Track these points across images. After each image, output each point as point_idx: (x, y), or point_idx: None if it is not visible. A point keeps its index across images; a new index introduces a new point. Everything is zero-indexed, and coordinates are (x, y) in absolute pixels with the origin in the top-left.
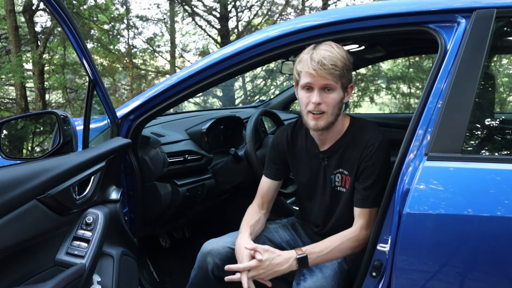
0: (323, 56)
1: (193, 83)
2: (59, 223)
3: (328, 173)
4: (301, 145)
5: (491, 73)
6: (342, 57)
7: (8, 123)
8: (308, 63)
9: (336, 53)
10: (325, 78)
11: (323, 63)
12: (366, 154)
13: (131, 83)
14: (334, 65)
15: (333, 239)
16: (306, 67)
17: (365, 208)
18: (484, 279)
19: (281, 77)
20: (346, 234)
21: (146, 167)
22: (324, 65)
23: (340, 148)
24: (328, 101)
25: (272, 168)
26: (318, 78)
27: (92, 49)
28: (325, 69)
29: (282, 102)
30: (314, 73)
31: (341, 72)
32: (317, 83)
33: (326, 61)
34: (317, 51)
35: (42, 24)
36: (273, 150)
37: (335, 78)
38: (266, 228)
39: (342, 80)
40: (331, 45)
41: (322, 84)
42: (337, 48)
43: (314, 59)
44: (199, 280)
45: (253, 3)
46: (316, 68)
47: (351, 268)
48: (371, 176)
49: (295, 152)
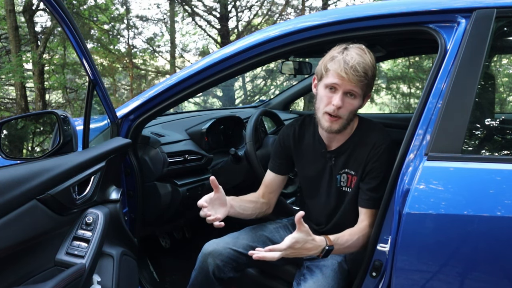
0: (357, 61)
1: (193, 83)
2: (59, 223)
3: (334, 173)
4: (308, 143)
5: (491, 73)
6: (372, 66)
7: (8, 123)
8: (341, 64)
9: (369, 60)
10: (354, 85)
11: (356, 69)
12: (373, 155)
13: (131, 83)
14: (366, 73)
15: (352, 232)
16: (338, 68)
17: (370, 208)
18: (484, 279)
19: (281, 77)
20: (360, 230)
21: (146, 167)
22: (357, 71)
23: (348, 149)
24: (348, 106)
25: (276, 163)
26: (346, 82)
27: (92, 49)
28: (356, 76)
29: (282, 102)
30: (345, 76)
31: (369, 82)
32: (343, 87)
33: (360, 67)
34: (350, 53)
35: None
36: (279, 145)
37: (362, 86)
38: (266, 228)
39: (366, 89)
40: (364, 50)
41: (348, 89)
42: (369, 54)
43: (347, 62)
44: (199, 281)
45: (253, 3)
46: (348, 72)
47: (351, 268)
48: (377, 178)
49: (301, 149)
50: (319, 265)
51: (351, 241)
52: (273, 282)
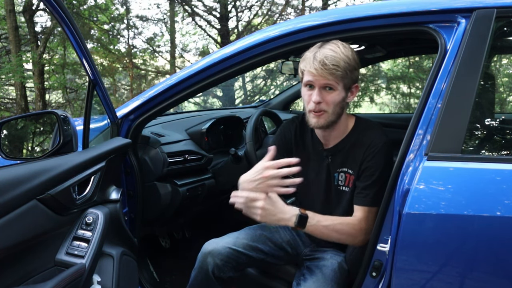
0: (325, 55)
1: (193, 83)
2: (59, 223)
3: (332, 171)
4: (308, 141)
5: (491, 73)
6: (346, 57)
7: (8, 123)
8: (311, 61)
9: (340, 52)
10: (326, 78)
11: (324, 62)
12: (369, 154)
13: (131, 83)
14: (336, 65)
15: (334, 217)
16: (308, 66)
17: (363, 206)
18: (484, 279)
19: (281, 77)
20: (346, 219)
21: (146, 167)
22: (325, 64)
23: (345, 148)
24: (328, 100)
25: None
26: (318, 77)
27: (92, 49)
28: (326, 69)
29: (282, 102)
30: (315, 72)
31: (343, 73)
32: (317, 82)
33: (328, 61)
34: (321, 50)
35: (42, 24)
36: (280, 138)
37: (336, 78)
38: (266, 228)
39: (344, 80)
40: (337, 44)
41: (322, 84)
42: (343, 47)
43: (316, 58)
44: (199, 280)
45: (253, 3)
46: (317, 68)
47: (351, 268)
48: (371, 176)
49: (301, 145)
50: (319, 265)
51: (332, 224)
52: (273, 282)
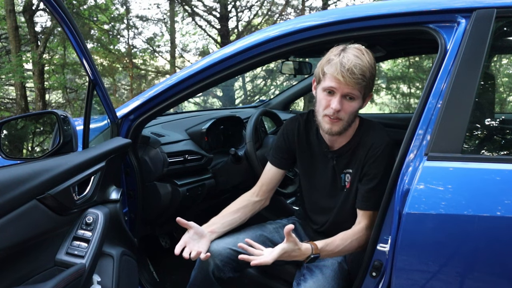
0: (354, 63)
1: (193, 83)
2: (59, 223)
3: (337, 172)
4: (312, 141)
5: (491, 73)
6: (371, 66)
7: (8, 123)
8: (338, 67)
9: (366, 61)
10: (351, 87)
11: (353, 71)
12: (371, 156)
13: (131, 83)
14: (363, 75)
15: (344, 237)
16: (335, 71)
17: (368, 210)
18: (484, 279)
19: (281, 77)
20: (354, 233)
21: (146, 167)
22: (353, 74)
23: (350, 149)
24: (347, 109)
25: (279, 157)
26: (344, 85)
27: (92, 49)
28: (353, 78)
29: (282, 102)
30: (342, 79)
31: (367, 83)
32: (341, 90)
33: (356, 70)
34: (347, 55)
35: (42, 24)
36: (282, 139)
37: (361, 88)
38: (266, 228)
39: (365, 90)
40: (362, 50)
41: (346, 92)
42: (367, 55)
43: (344, 65)
44: (199, 280)
45: (253, 3)
46: (345, 75)
47: (351, 268)
48: (374, 179)
49: (304, 145)
50: (319, 265)
51: (343, 246)
52: (273, 282)
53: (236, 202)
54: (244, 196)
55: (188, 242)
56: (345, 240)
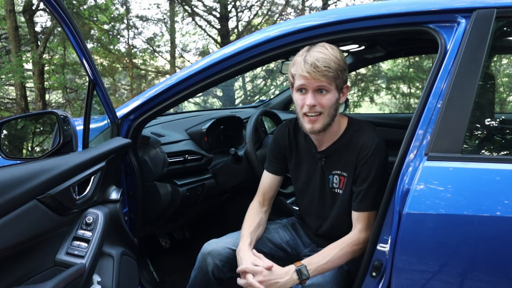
0: (316, 58)
1: (193, 83)
2: (59, 223)
3: (326, 173)
4: (301, 143)
5: (491, 73)
6: (335, 58)
7: (8, 123)
8: (302, 65)
9: (330, 54)
10: (319, 80)
11: (316, 65)
12: (362, 157)
13: (131, 83)
14: (328, 66)
15: (332, 247)
16: (300, 70)
17: (362, 211)
18: (484, 279)
19: (281, 77)
20: (344, 240)
21: (146, 167)
22: (317, 67)
23: (338, 149)
24: (323, 102)
25: (274, 163)
26: (311, 80)
27: (92, 49)
28: (318, 71)
29: (282, 102)
30: (308, 75)
31: (335, 74)
32: (310, 85)
33: (320, 63)
34: (310, 53)
35: (42, 24)
36: (274, 145)
37: (329, 79)
38: (266, 228)
39: (336, 81)
40: (325, 46)
41: (316, 86)
42: (331, 49)
43: (307, 61)
44: (199, 281)
45: (253, 3)
46: (309, 71)
47: (351, 268)
48: (366, 180)
49: (294, 149)
50: None
51: (331, 256)
52: None
53: (253, 217)
54: (254, 209)
55: None
56: (334, 249)
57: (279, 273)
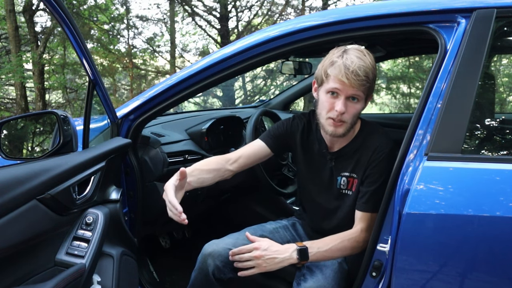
0: (358, 65)
1: (193, 83)
2: (59, 223)
3: (335, 174)
4: (312, 141)
5: (491, 73)
6: (373, 68)
7: (8, 123)
8: (342, 69)
9: (369, 63)
10: (356, 89)
11: (357, 73)
12: (374, 159)
13: (131, 83)
14: (367, 76)
15: (334, 237)
16: (339, 73)
17: (366, 212)
18: (484, 279)
19: (281, 77)
20: (346, 234)
21: (146, 167)
22: (358, 75)
23: (349, 151)
24: (351, 111)
25: (273, 139)
26: (348, 87)
27: (92, 49)
28: (358, 80)
29: (282, 102)
30: (346, 81)
31: (371, 84)
32: (345, 92)
33: (361, 71)
34: (349, 56)
35: (42, 24)
36: (284, 128)
37: (365, 89)
38: (266, 228)
39: (368, 91)
40: (363, 52)
41: (350, 94)
42: (369, 56)
43: (348, 67)
44: (199, 281)
45: (253, 3)
46: (349, 78)
47: (351, 268)
48: (376, 182)
49: (304, 145)
50: (319, 265)
51: (332, 245)
52: (273, 282)
53: (210, 162)
54: (218, 158)
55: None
56: (335, 240)
57: (277, 249)
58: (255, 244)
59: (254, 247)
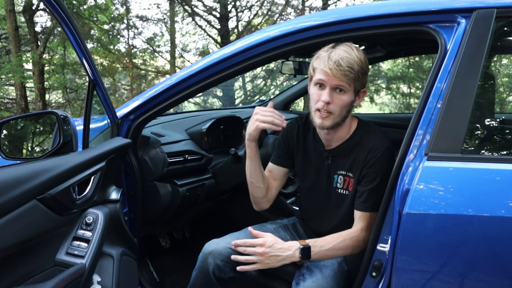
0: (341, 56)
1: (193, 83)
2: (59, 223)
3: (331, 173)
4: (309, 141)
5: (491, 73)
6: (359, 60)
7: (8, 123)
8: (325, 61)
9: (355, 55)
10: (339, 79)
11: (339, 63)
12: (370, 159)
13: (131, 83)
14: (350, 67)
15: (335, 236)
16: (322, 65)
17: (365, 211)
18: (484, 279)
19: (281, 77)
20: (348, 233)
21: (146, 167)
22: (340, 65)
23: (346, 150)
24: (337, 102)
25: (279, 156)
26: (332, 77)
27: (92, 49)
28: (340, 70)
29: (282, 102)
30: (329, 72)
31: (355, 76)
32: (330, 82)
33: (343, 62)
34: (336, 50)
35: (42, 24)
36: (282, 140)
37: (349, 80)
38: (266, 228)
39: (355, 83)
40: (351, 46)
41: (334, 84)
42: (356, 50)
43: (331, 58)
44: (200, 281)
45: (253, 3)
46: (332, 68)
47: (351, 268)
48: (373, 181)
49: (302, 147)
50: (318, 265)
51: (334, 244)
52: (273, 282)
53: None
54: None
55: None
56: (337, 238)
57: (281, 246)
58: (260, 240)
59: (259, 243)
